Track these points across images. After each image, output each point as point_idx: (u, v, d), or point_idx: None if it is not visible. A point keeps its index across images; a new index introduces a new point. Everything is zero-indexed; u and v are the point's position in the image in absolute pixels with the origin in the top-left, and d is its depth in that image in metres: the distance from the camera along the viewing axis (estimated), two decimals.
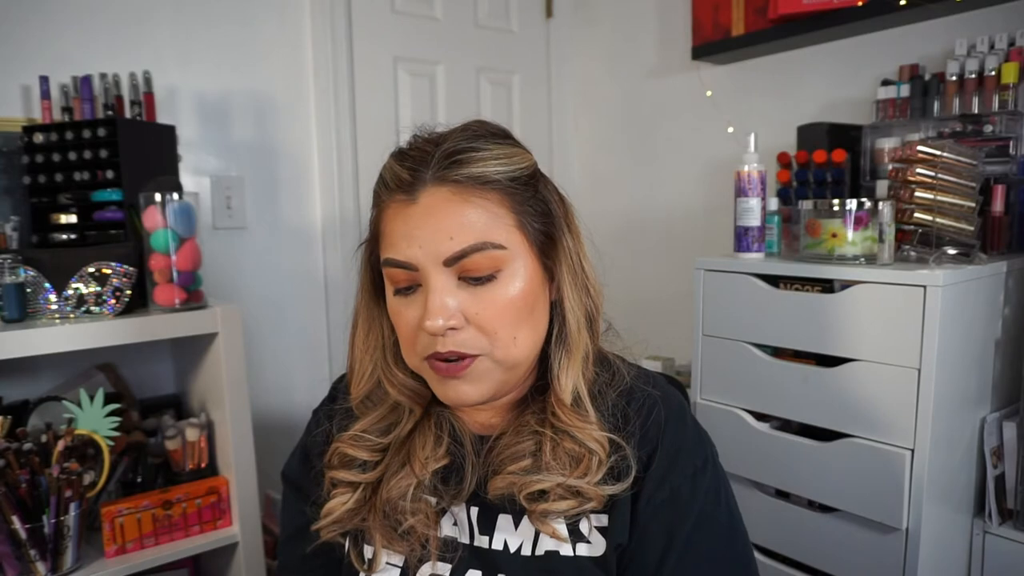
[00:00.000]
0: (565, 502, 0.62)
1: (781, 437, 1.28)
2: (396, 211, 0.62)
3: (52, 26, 1.47)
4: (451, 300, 0.60)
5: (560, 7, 2.27)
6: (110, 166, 1.30)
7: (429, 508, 0.66)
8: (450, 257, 0.59)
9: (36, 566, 1.11)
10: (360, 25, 1.89)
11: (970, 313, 1.15)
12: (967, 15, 1.43)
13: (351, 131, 1.90)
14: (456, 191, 0.60)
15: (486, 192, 0.61)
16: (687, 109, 2.00)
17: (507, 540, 0.65)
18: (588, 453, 0.63)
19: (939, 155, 1.19)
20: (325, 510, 0.69)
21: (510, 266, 0.61)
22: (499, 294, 0.61)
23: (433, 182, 0.60)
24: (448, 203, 0.60)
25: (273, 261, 1.81)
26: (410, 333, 0.63)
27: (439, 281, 0.60)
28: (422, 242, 0.59)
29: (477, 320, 0.61)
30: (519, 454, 0.64)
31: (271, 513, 1.70)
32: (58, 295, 1.18)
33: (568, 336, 0.66)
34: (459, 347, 0.60)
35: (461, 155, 0.60)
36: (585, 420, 0.64)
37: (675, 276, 2.03)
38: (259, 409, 1.62)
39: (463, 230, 0.59)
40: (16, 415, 1.29)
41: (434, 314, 0.59)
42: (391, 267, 0.62)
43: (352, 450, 0.68)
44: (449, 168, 0.60)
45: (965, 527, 1.23)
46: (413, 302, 0.62)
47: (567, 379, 0.65)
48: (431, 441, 0.68)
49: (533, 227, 0.63)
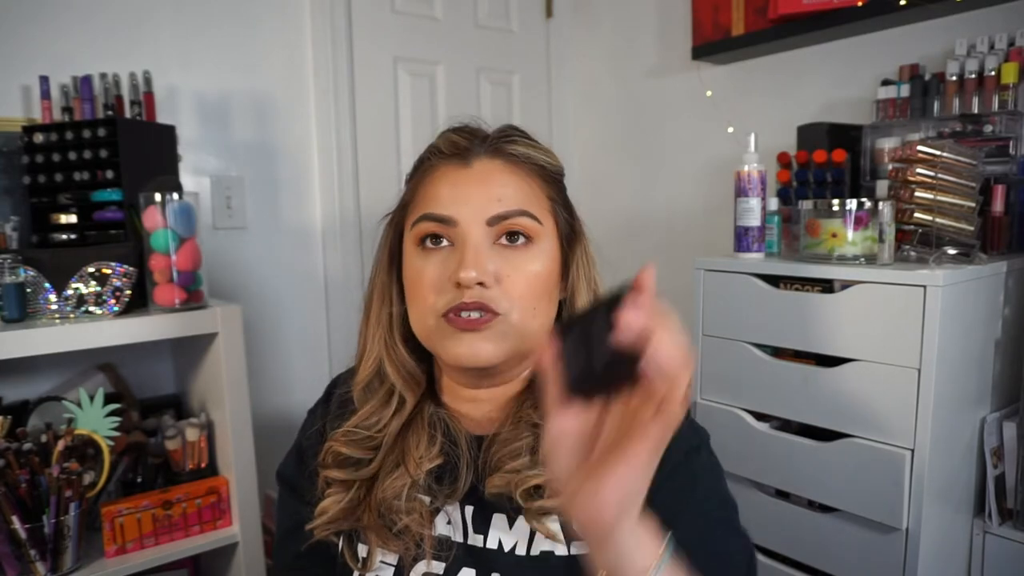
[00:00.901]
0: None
1: (781, 437, 1.28)
2: (445, 173, 0.66)
3: (52, 26, 1.47)
4: (486, 257, 0.63)
5: (560, 7, 2.27)
6: (110, 166, 1.30)
7: (423, 507, 0.66)
8: (495, 216, 0.63)
9: (36, 566, 1.11)
10: (360, 25, 1.89)
11: (970, 313, 1.15)
12: (967, 15, 1.43)
13: (351, 131, 1.90)
14: (507, 164, 0.66)
15: (531, 173, 0.67)
16: (687, 109, 2.00)
17: (502, 539, 0.65)
18: None
19: (939, 155, 1.19)
20: (319, 509, 0.69)
21: (541, 242, 0.66)
22: (530, 263, 0.65)
23: (488, 153, 0.67)
24: (500, 172, 0.66)
25: (273, 261, 1.81)
26: (432, 288, 0.64)
27: (478, 237, 0.63)
28: (469, 199, 0.64)
29: (507, 282, 0.63)
30: (518, 451, 0.65)
31: (271, 513, 1.70)
32: (58, 295, 1.18)
33: None
34: (485, 300, 0.62)
35: (515, 136, 0.68)
36: None
37: (675, 276, 2.02)
38: (259, 409, 1.61)
39: (510, 197, 0.64)
40: (16, 415, 1.29)
41: (470, 264, 0.61)
42: (429, 221, 0.64)
43: (345, 448, 0.69)
44: (504, 143, 0.67)
45: (965, 527, 1.23)
46: (443, 259, 0.64)
47: None
48: (424, 440, 0.68)
49: (563, 217, 0.69)
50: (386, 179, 1.97)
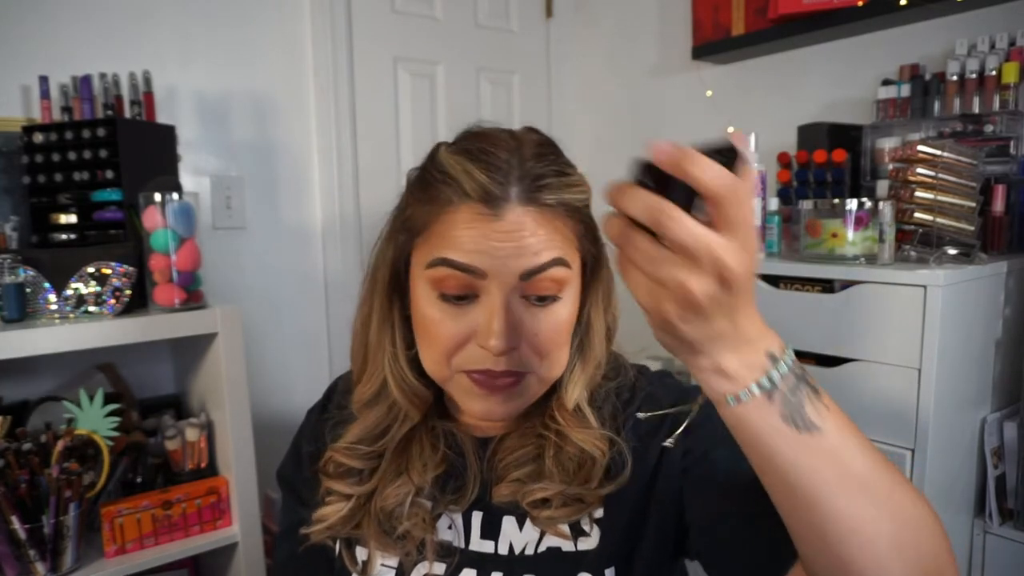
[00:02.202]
0: (567, 508, 0.62)
1: None
2: (471, 219, 0.58)
3: (52, 26, 1.47)
4: (515, 319, 0.59)
5: (560, 7, 2.27)
6: (110, 166, 1.30)
7: (425, 513, 0.66)
8: (529, 270, 0.58)
9: (36, 566, 1.10)
10: (360, 25, 1.89)
11: (970, 313, 1.15)
12: (967, 15, 1.43)
13: (351, 131, 1.90)
14: (540, 212, 0.59)
15: (564, 217, 0.61)
16: (687, 109, 2.00)
17: (512, 542, 0.65)
18: (590, 460, 0.63)
19: (939, 155, 1.19)
20: (318, 516, 0.68)
21: (569, 288, 0.62)
22: (557, 316, 0.61)
23: (519, 201, 0.58)
24: (533, 223, 0.58)
25: (273, 261, 1.81)
26: (451, 345, 0.61)
27: (506, 297, 0.59)
28: (498, 253, 0.58)
29: (534, 341, 0.60)
30: (522, 459, 0.65)
31: (271, 513, 1.70)
32: (58, 295, 1.18)
33: (589, 350, 0.67)
34: (514, 366, 0.60)
35: (548, 179, 0.60)
36: (585, 425, 0.64)
37: None
38: (259, 409, 1.61)
39: (543, 247, 0.59)
40: (16, 415, 1.29)
41: (500, 333, 0.58)
42: (450, 269, 0.58)
43: (346, 459, 0.68)
44: (539, 191, 0.59)
45: (965, 527, 1.22)
46: (464, 313, 0.60)
47: (574, 389, 0.66)
48: (428, 449, 0.67)
49: (588, 251, 0.65)
50: (386, 179, 1.97)
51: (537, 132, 0.65)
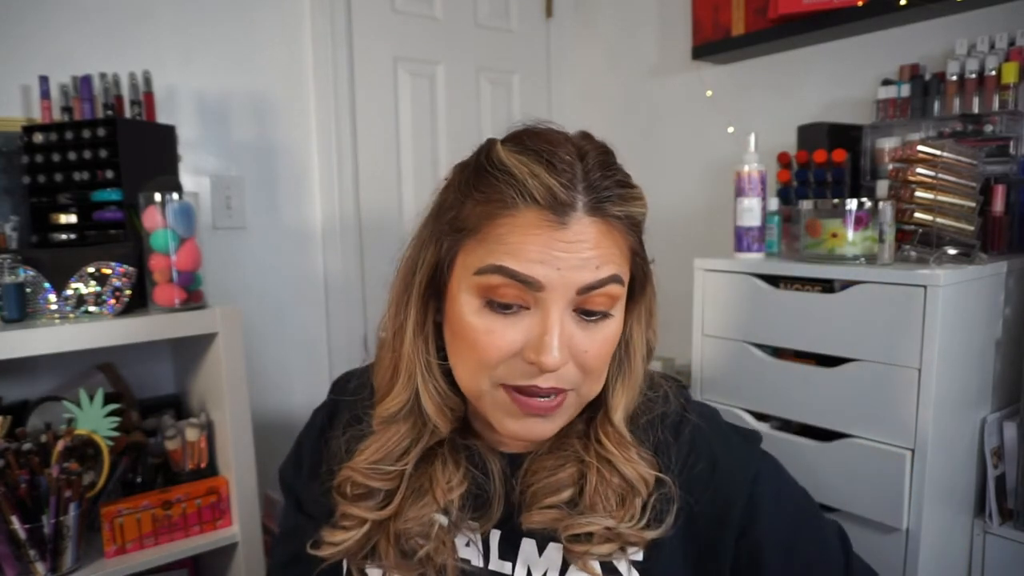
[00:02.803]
0: (609, 544, 0.59)
1: (781, 437, 1.28)
2: (535, 226, 0.55)
3: (52, 26, 1.47)
4: (567, 334, 0.57)
5: (560, 7, 2.27)
6: (110, 166, 1.30)
7: (444, 534, 0.63)
8: (588, 285, 0.56)
9: (36, 566, 1.11)
10: (360, 25, 1.89)
11: (970, 313, 1.15)
12: (967, 15, 1.43)
13: (351, 131, 1.90)
14: (606, 224, 0.57)
15: (625, 231, 0.59)
16: (687, 109, 2.00)
17: (531, 568, 0.62)
18: (632, 491, 0.60)
19: (939, 155, 1.19)
20: (331, 539, 0.64)
21: (619, 304, 0.60)
22: (607, 332, 0.59)
23: (586, 211, 0.56)
24: (597, 234, 0.56)
25: (273, 261, 1.81)
26: (495, 356, 0.57)
27: (562, 311, 0.56)
28: (562, 265, 0.55)
29: (583, 358, 0.58)
30: (559, 484, 0.61)
31: (271, 513, 1.70)
32: (58, 295, 1.18)
33: (630, 368, 0.64)
34: (559, 383, 0.58)
35: (614, 191, 0.57)
36: (631, 453, 0.61)
37: (675, 276, 2.02)
38: (259, 409, 1.61)
39: (606, 261, 0.56)
40: (16, 415, 1.29)
41: (556, 348, 0.55)
42: (506, 278, 0.55)
43: (366, 479, 0.64)
44: (605, 203, 0.56)
45: (965, 527, 1.23)
46: (514, 324, 0.56)
47: (620, 409, 0.63)
48: (451, 466, 0.64)
49: (639, 267, 0.63)
50: (386, 179, 1.97)
51: (594, 139, 0.62)
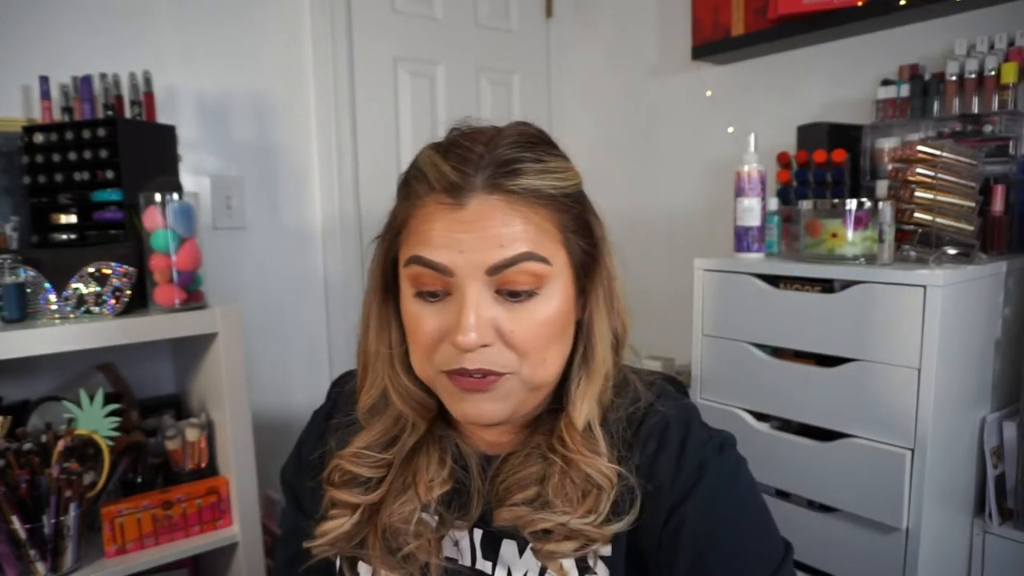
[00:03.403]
0: (569, 543, 0.59)
1: (781, 437, 1.28)
2: (437, 212, 0.57)
3: (52, 26, 1.47)
4: (488, 314, 0.56)
5: (560, 7, 2.27)
6: (110, 166, 1.30)
7: (430, 532, 0.63)
8: (496, 265, 0.56)
9: (36, 566, 1.11)
10: (360, 25, 1.89)
11: (970, 313, 1.15)
12: (967, 15, 1.43)
13: (351, 131, 1.90)
14: (508, 201, 0.56)
15: (538, 206, 0.58)
16: (687, 109, 2.00)
17: (511, 568, 0.63)
18: (596, 489, 0.59)
19: (939, 155, 1.19)
20: (320, 530, 0.66)
21: (550, 284, 0.58)
22: (537, 312, 0.58)
23: (484, 189, 0.56)
24: (499, 212, 0.56)
25: (273, 261, 1.81)
26: (429, 343, 0.59)
27: (477, 292, 0.56)
28: (465, 247, 0.55)
29: (511, 338, 0.57)
30: (525, 481, 0.61)
31: (271, 513, 1.70)
32: (58, 295, 1.18)
33: (592, 359, 0.63)
34: (488, 364, 0.57)
35: (518, 164, 0.57)
36: (594, 450, 0.61)
37: (675, 276, 2.02)
38: (259, 409, 1.61)
39: (512, 240, 0.56)
40: (16, 415, 1.29)
41: (468, 328, 0.55)
42: (421, 266, 0.57)
43: (354, 467, 0.65)
44: (504, 177, 0.56)
45: (965, 527, 1.23)
46: (439, 310, 0.58)
47: (583, 403, 0.62)
48: (435, 463, 0.65)
49: (577, 246, 0.61)
50: (386, 179, 1.97)
51: (526, 124, 0.62)
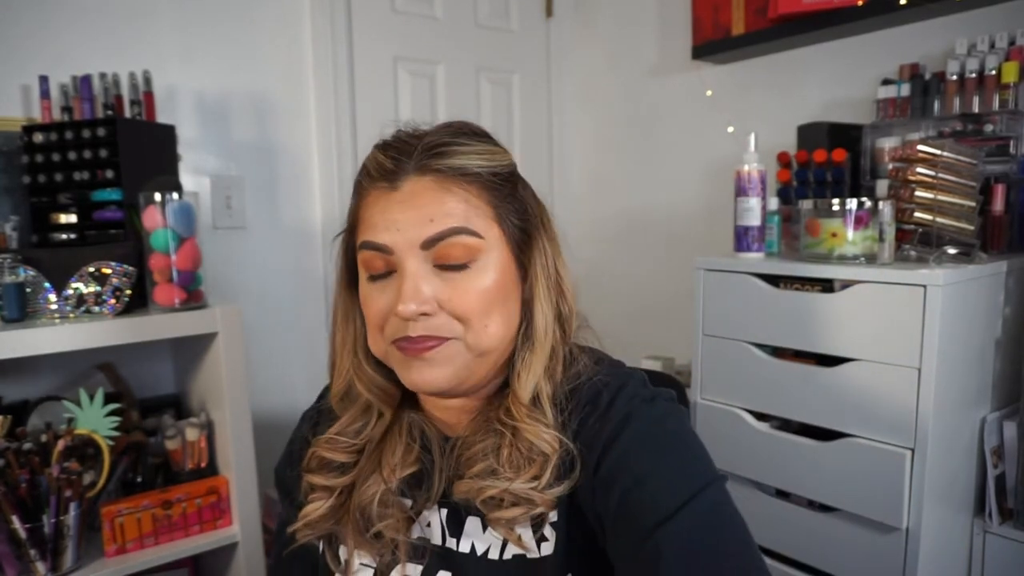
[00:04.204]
0: (516, 508, 0.61)
1: (781, 437, 1.28)
2: (376, 198, 0.63)
3: (52, 25, 1.47)
4: (425, 285, 0.61)
5: (560, 7, 2.27)
6: (110, 166, 1.30)
7: (400, 513, 0.67)
8: (428, 239, 0.60)
9: (36, 566, 1.11)
10: (360, 25, 1.89)
11: (970, 313, 1.15)
12: (967, 14, 1.43)
13: (351, 131, 1.90)
14: (437, 180, 0.62)
15: (467, 184, 0.62)
16: (687, 109, 2.00)
17: (475, 543, 0.65)
18: (541, 456, 0.61)
19: (939, 154, 1.19)
20: (301, 513, 0.70)
21: (485, 256, 0.63)
22: (473, 282, 0.62)
23: (416, 171, 0.62)
24: (429, 191, 0.61)
25: (273, 261, 1.81)
26: (379, 319, 0.63)
27: (414, 266, 0.61)
28: (401, 226, 0.61)
29: (450, 306, 0.61)
30: (479, 454, 0.64)
31: (271, 513, 1.70)
32: (58, 295, 1.18)
33: (534, 334, 0.66)
34: (431, 331, 0.61)
35: (444, 147, 0.62)
36: (538, 419, 0.63)
37: (675, 276, 2.03)
38: (259, 409, 1.61)
39: (443, 216, 0.61)
40: (16, 415, 1.29)
41: (407, 298, 0.60)
42: (367, 250, 0.63)
43: (328, 453, 0.69)
44: (432, 158, 0.62)
45: (965, 527, 1.23)
46: (386, 288, 0.63)
47: (527, 376, 0.64)
48: (401, 448, 0.68)
49: (511, 222, 0.65)
50: None
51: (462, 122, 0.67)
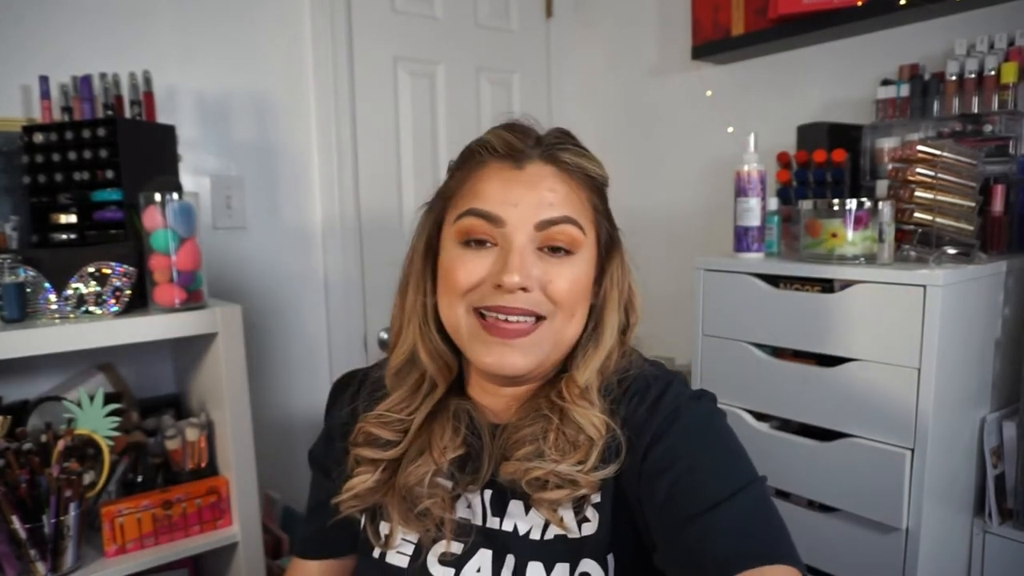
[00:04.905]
0: (561, 491, 0.63)
1: (781, 437, 1.28)
2: (497, 172, 0.66)
3: (51, 26, 1.47)
4: (531, 262, 0.64)
5: (560, 7, 2.27)
6: (110, 166, 1.30)
7: (445, 492, 0.68)
8: (544, 220, 0.64)
9: (36, 566, 1.11)
10: (360, 25, 1.89)
11: (970, 313, 1.15)
12: (967, 15, 1.43)
13: (351, 131, 1.90)
14: (560, 170, 0.67)
15: (580, 183, 0.68)
16: (687, 109, 2.00)
17: (517, 524, 0.67)
18: (587, 440, 0.64)
19: (939, 155, 1.19)
20: (347, 486, 0.71)
21: (583, 250, 0.67)
22: (572, 270, 0.66)
23: (542, 157, 0.67)
24: (552, 178, 0.66)
25: (273, 261, 1.81)
26: (466, 285, 0.65)
27: (524, 242, 0.64)
28: (520, 201, 0.64)
29: (548, 288, 0.65)
30: (527, 438, 0.66)
31: (271, 513, 1.70)
32: (58, 295, 1.18)
33: (600, 336, 0.69)
34: (529, 305, 0.64)
35: (569, 144, 0.68)
36: (588, 400, 0.66)
37: (675, 276, 2.02)
38: (259, 409, 1.61)
39: (560, 203, 0.65)
40: (16, 415, 1.29)
41: (514, 269, 0.62)
42: (476, 217, 0.65)
43: (376, 429, 0.71)
44: (559, 151, 0.67)
45: (965, 527, 1.23)
46: (483, 256, 0.65)
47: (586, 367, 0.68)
48: (449, 430, 0.70)
49: (604, 229, 0.71)
50: (386, 179, 1.97)
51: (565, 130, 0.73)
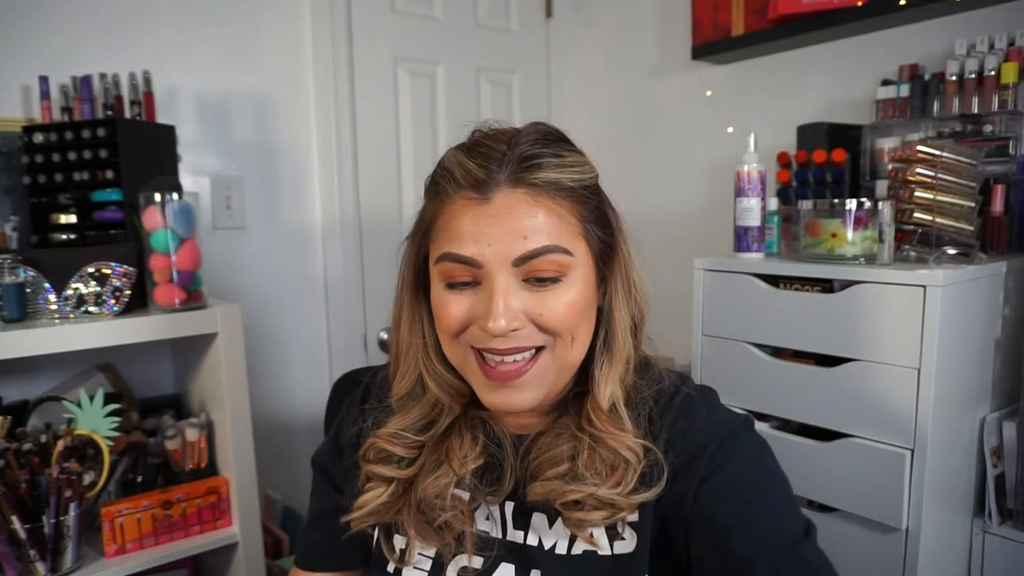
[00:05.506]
0: (599, 512, 0.62)
1: (781, 437, 1.28)
2: (464, 208, 0.61)
3: (51, 26, 1.47)
4: (515, 301, 0.60)
5: (560, 7, 2.27)
6: (110, 166, 1.30)
7: (463, 504, 0.67)
8: (521, 256, 0.59)
9: (36, 566, 1.11)
10: (360, 25, 1.89)
11: (970, 313, 1.15)
12: (967, 15, 1.43)
13: (351, 131, 1.90)
14: (530, 194, 0.60)
15: (559, 199, 0.61)
16: (687, 109, 2.00)
17: (541, 538, 0.66)
18: (623, 462, 0.62)
19: (939, 155, 1.19)
20: (359, 502, 0.69)
21: (573, 272, 0.62)
22: (562, 297, 0.62)
23: (508, 183, 0.60)
24: (523, 204, 0.60)
25: (273, 261, 1.81)
26: (457, 326, 0.63)
27: (505, 282, 0.60)
28: (492, 240, 0.59)
29: (541, 321, 0.61)
30: (557, 458, 0.64)
31: (271, 513, 1.70)
32: (58, 295, 1.18)
33: (613, 343, 0.66)
34: (520, 342, 0.61)
35: (539, 159, 0.61)
36: (620, 428, 0.64)
37: (675, 276, 2.02)
38: (259, 409, 1.61)
39: (536, 233, 0.60)
40: (16, 415, 1.29)
41: (498, 315, 0.59)
42: (452, 262, 0.61)
43: (389, 446, 0.69)
44: (526, 171, 0.60)
45: (965, 527, 1.23)
46: (467, 297, 0.62)
47: (606, 385, 0.65)
48: (468, 441, 0.68)
49: (596, 236, 0.65)
50: (386, 179, 1.97)
51: (543, 124, 0.66)
